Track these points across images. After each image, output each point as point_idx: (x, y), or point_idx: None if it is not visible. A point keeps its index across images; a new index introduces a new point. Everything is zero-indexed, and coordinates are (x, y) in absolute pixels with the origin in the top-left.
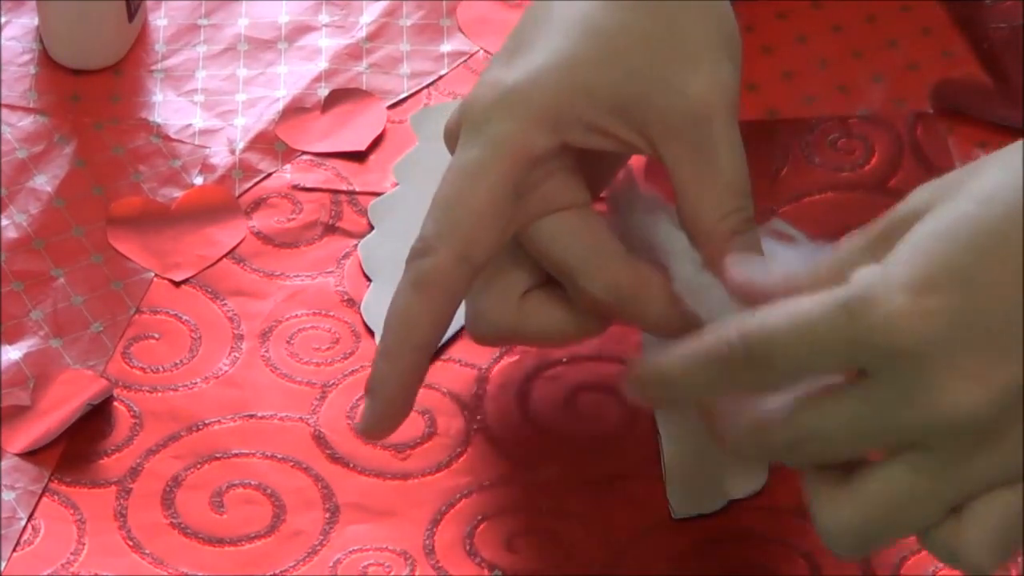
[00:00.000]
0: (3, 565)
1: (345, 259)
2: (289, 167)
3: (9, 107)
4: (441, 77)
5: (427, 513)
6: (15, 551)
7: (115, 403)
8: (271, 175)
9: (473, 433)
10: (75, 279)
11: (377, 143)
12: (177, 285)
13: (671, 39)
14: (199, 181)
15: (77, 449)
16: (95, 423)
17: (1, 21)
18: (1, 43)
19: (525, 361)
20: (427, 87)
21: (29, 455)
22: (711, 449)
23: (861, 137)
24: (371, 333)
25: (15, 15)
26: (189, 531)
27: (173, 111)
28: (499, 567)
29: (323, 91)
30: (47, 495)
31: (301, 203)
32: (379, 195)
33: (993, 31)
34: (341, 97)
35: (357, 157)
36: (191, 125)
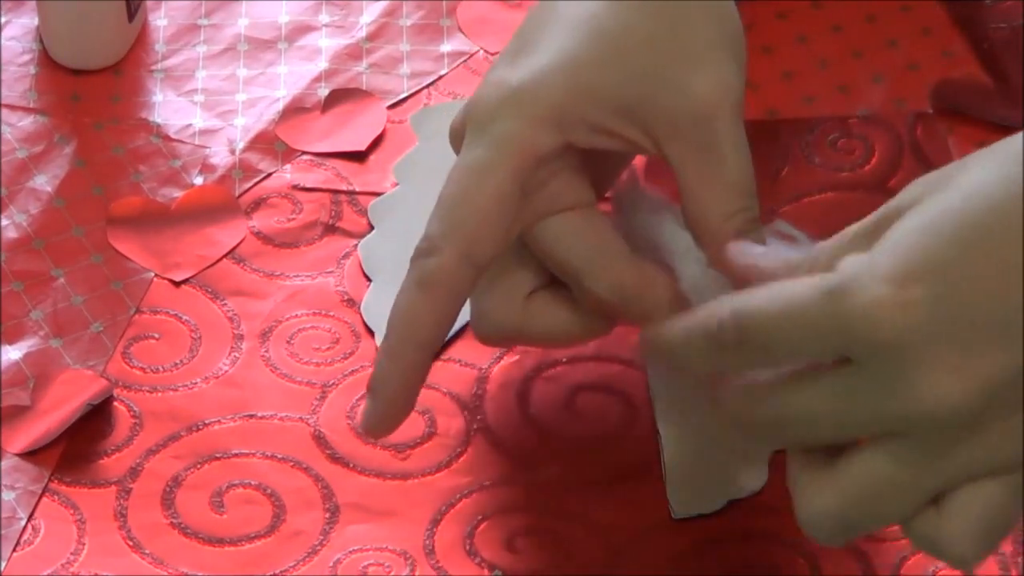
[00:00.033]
0: (3, 565)
1: (345, 259)
2: (289, 167)
3: (9, 107)
4: (441, 77)
5: (427, 513)
6: (15, 551)
7: (115, 403)
8: (271, 175)
9: (473, 433)
10: (75, 279)
11: (377, 143)
12: (177, 285)
13: (675, 39)
14: (199, 181)
15: (77, 449)
16: (95, 423)
17: (1, 21)
18: (1, 43)
19: (525, 361)
20: (427, 87)
21: (29, 455)
22: (711, 449)
23: (861, 137)
24: (371, 333)
25: (15, 15)
26: (189, 531)
27: (173, 111)
28: (499, 567)
29: (323, 91)
30: (47, 495)
31: (301, 203)
32: (379, 195)
33: (993, 31)
34: (341, 97)
35: (357, 157)
36: (191, 125)
